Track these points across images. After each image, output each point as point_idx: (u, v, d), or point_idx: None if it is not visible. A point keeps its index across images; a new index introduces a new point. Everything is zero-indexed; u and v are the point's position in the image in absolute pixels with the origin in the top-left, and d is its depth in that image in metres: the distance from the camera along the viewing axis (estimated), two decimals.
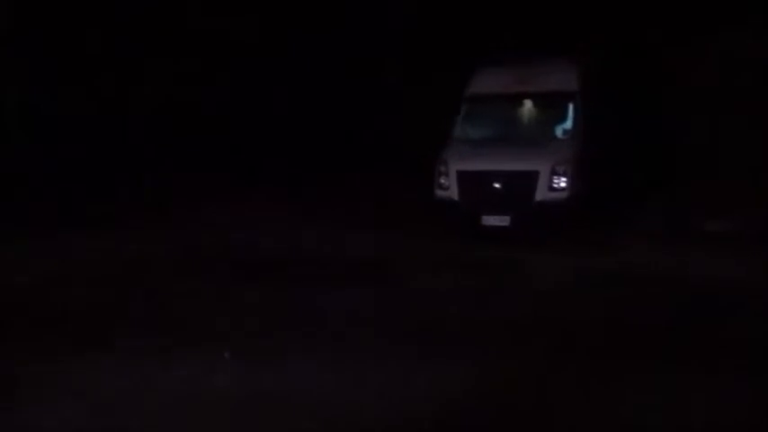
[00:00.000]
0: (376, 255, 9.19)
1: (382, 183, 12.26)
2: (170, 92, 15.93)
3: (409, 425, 4.53)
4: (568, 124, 10.84)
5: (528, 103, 11.32)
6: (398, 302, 7.10)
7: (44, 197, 11.98)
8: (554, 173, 10.20)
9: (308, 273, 8.19)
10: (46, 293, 7.51)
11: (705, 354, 5.57)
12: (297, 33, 16.25)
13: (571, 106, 10.79)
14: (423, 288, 7.76)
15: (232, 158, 15.13)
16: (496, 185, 10.38)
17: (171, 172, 13.70)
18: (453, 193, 10.58)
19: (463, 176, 10.56)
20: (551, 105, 11.10)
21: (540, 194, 10.19)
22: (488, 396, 4.87)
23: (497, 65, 11.44)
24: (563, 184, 10.19)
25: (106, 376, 5.30)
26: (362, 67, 15.70)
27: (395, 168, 12.11)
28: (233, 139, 15.76)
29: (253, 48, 16.30)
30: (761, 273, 7.87)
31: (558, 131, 10.97)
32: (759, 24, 11.43)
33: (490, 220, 10.27)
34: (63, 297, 7.33)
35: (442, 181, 10.71)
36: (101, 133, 14.67)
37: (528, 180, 10.23)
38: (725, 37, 11.76)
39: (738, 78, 11.71)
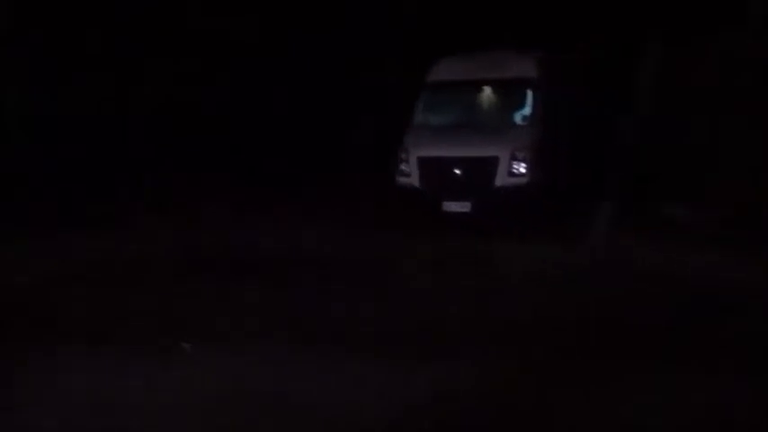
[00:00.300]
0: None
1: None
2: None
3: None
4: (527, 111, 10.98)
5: (487, 90, 11.48)
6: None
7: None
8: (513, 158, 10.34)
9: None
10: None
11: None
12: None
13: (530, 93, 10.95)
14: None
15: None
16: (457, 171, 10.49)
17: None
18: (414, 179, 10.68)
19: (424, 163, 10.66)
20: (510, 92, 11.28)
21: (500, 180, 10.32)
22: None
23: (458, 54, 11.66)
24: (522, 170, 10.33)
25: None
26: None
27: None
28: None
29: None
30: (734, 262, 8.14)
31: (518, 118, 11.11)
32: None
33: (451, 206, 10.38)
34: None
35: (403, 167, 10.82)
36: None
37: (488, 166, 10.36)
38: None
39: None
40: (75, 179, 12.93)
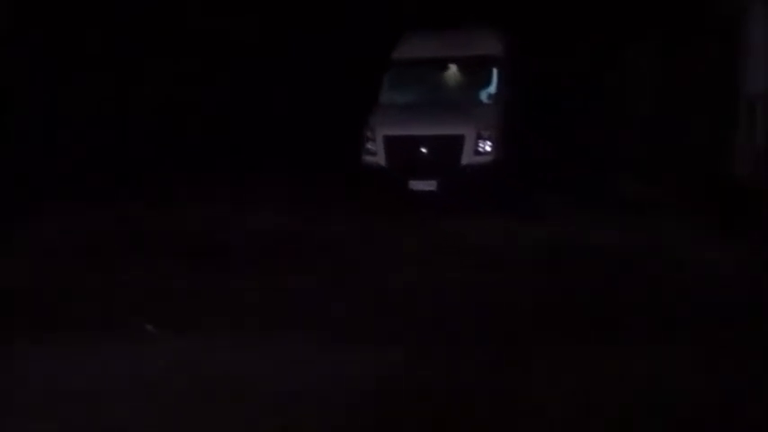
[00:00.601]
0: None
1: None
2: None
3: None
4: (492, 89, 10.99)
5: (453, 68, 11.51)
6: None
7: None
8: (479, 137, 10.40)
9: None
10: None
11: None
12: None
13: (495, 71, 11.00)
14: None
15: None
16: (423, 150, 10.52)
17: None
18: (380, 158, 10.70)
19: (390, 141, 10.66)
20: (475, 70, 11.35)
21: (466, 159, 10.37)
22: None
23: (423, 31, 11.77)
24: (488, 148, 10.39)
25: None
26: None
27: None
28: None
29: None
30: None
31: (483, 96, 11.12)
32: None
33: (418, 185, 10.43)
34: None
35: (369, 146, 10.82)
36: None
37: (454, 144, 10.41)
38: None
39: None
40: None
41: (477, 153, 10.35)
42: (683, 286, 7.14)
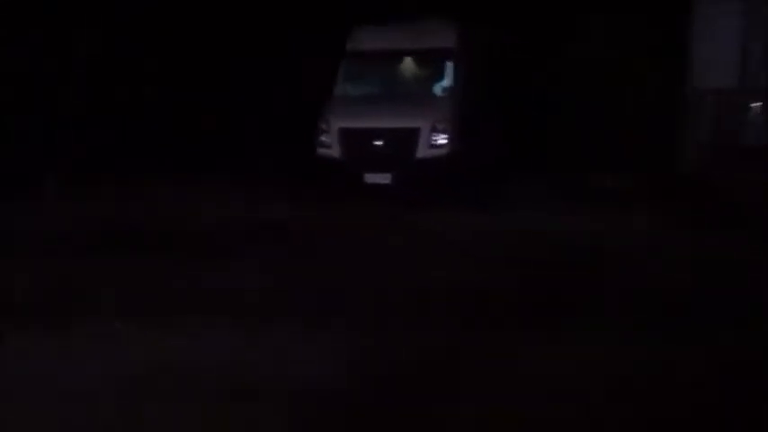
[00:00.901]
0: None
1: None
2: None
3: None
4: (447, 82, 10.97)
5: (408, 60, 11.47)
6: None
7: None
8: (434, 130, 10.44)
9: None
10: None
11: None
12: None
13: (450, 64, 10.98)
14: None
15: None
16: (378, 143, 10.52)
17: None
18: (335, 150, 10.72)
19: (345, 134, 10.63)
20: (430, 62, 11.35)
21: (422, 152, 10.39)
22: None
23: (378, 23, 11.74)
24: (443, 141, 10.42)
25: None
26: None
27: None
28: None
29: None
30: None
31: (438, 89, 11.11)
32: None
33: (372, 178, 10.44)
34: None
35: (324, 139, 10.81)
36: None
37: (409, 137, 10.44)
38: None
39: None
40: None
41: (432, 146, 10.39)
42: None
